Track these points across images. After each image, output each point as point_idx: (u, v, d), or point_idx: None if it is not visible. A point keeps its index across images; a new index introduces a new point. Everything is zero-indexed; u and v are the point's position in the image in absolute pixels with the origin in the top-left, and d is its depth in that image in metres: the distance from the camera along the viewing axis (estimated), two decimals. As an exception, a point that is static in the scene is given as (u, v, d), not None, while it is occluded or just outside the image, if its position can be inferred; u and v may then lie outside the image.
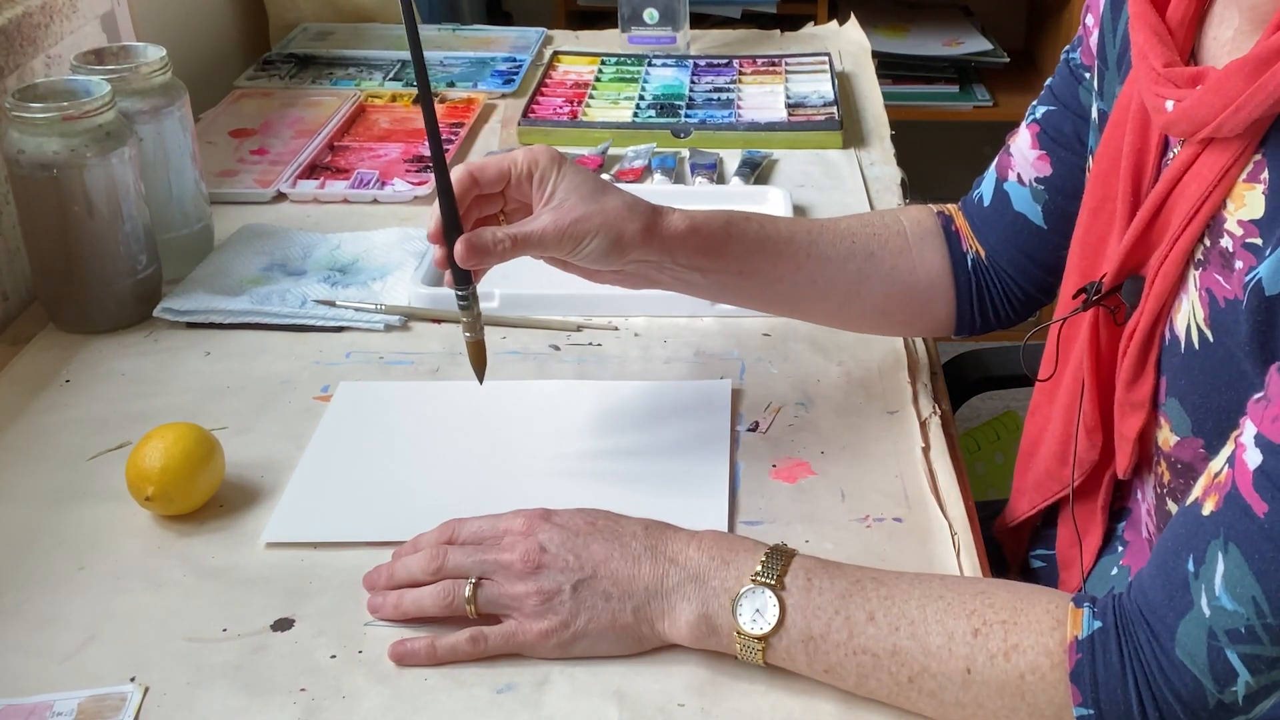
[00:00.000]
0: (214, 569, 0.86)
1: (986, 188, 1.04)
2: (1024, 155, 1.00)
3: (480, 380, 0.93)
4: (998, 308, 1.05)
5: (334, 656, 0.78)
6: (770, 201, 1.33)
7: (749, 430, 0.99)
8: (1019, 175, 1.01)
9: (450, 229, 0.88)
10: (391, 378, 1.07)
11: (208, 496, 0.91)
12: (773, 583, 0.74)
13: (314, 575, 0.85)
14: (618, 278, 0.95)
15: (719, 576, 0.76)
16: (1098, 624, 0.70)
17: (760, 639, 0.74)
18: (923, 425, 0.99)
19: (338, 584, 0.84)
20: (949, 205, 1.07)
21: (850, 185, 1.42)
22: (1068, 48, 0.98)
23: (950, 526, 0.88)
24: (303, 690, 0.76)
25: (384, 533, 0.88)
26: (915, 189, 1.48)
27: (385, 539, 0.87)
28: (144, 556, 0.87)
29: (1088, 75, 0.95)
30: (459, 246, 0.87)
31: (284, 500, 0.92)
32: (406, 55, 1.79)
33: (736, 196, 1.36)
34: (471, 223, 0.91)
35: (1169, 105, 0.76)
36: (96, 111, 1.07)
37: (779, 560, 0.76)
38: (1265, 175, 0.72)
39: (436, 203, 0.88)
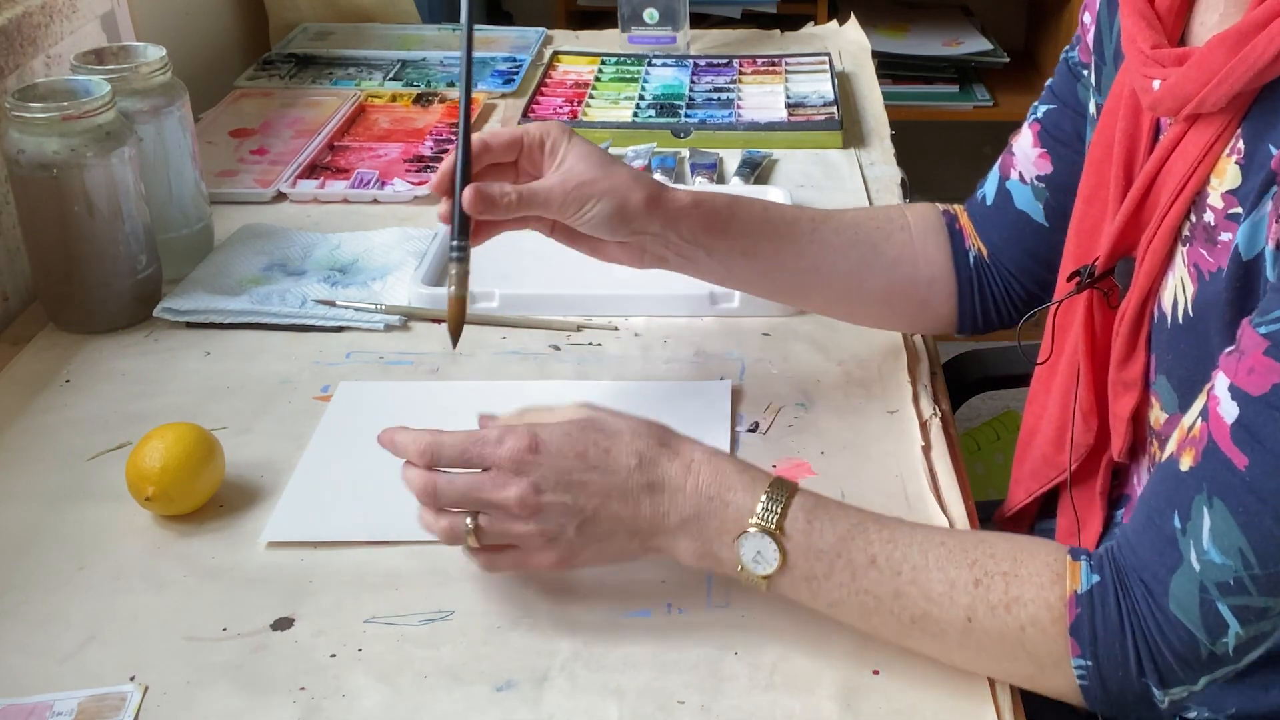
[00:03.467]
0: (214, 569, 0.86)
1: (990, 187, 1.05)
2: (1026, 154, 1.01)
3: (454, 343, 0.90)
4: (999, 306, 1.05)
5: (334, 656, 0.78)
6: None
7: (749, 430, 0.99)
8: (1020, 174, 1.02)
9: (461, 179, 0.89)
10: (391, 378, 1.07)
11: (208, 496, 0.91)
12: (772, 528, 0.74)
13: (314, 575, 0.85)
14: (623, 251, 0.95)
15: (718, 518, 0.76)
16: (1095, 578, 0.72)
17: (764, 577, 0.75)
18: (923, 425, 0.99)
19: (338, 584, 0.84)
20: (954, 205, 1.08)
21: (850, 185, 1.42)
22: (1067, 47, 1.00)
23: (951, 525, 0.88)
24: (302, 690, 0.76)
25: (384, 533, 0.88)
26: (915, 189, 1.47)
27: (385, 539, 0.87)
28: (144, 556, 0.87)
29: (1085, 73, 0.96)
30: (467, 193, 0.89)
31: (284, 500, 0.91)
32: (406, 55, 1.79)
33: (736, 196, 1.36)
34: None
35: (1155, 84, 0.77)
36: (96, 111, 1.07)
37: (778, 501, 0.75)
38: (1240, 146, 0.73)
39: (449, 157, 0.90)
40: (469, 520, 0.77)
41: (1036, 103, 1.02)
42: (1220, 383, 0.69)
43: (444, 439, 0.78)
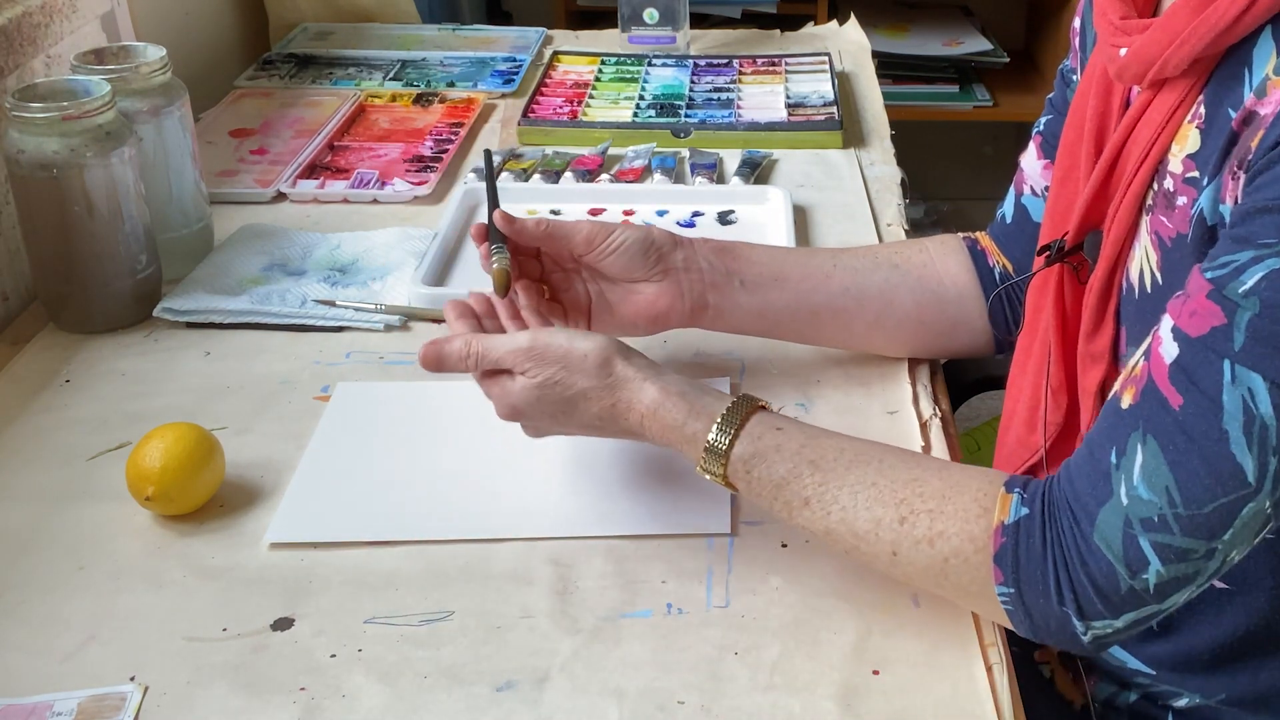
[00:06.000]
0: (214, 569, 0.86)
1: (1008, 207, 1.06)
2: (1033, 167, 1.02)
3: (502, 295, 0.94)
4: None
5: (334, 656, 0.78)
6: (770, 201, 1.33)
7: (749, 430, 0.99)
8: (1032, 187, 1.03)
9: (491, 205, 1.00)
10: (391, 378, 1.07)
11: (208, 496, 0.91)
12: (718, 474, 0.81)
13: (314, 575, 0.85)
14: (663, 292, 0.98)
15: (676, 451, 0.84)
16: (1025, 510, 0.74)
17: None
18: (923, 425, 0.99)
19: (338, 584, 0.84)
20: (975, 232, 1.09)
21: (850, 185, 1.42)
22: (1064, 60, 1.01)
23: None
24: (303, 690, 0.76)
25: (386, 532, 0.88)
26: (915, 189, 1.48)
27: (388, 538, 0.87)
28: (144, 556, 0.87)
29: (1075, 77, 0.97)
30: (497, 214, 0.96)
31: (287, 500, 0.91)
32: (406, 55, 1.79)
33: (736, 196, 1.36)
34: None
35: (1122, 53, 0.78)
36: (96, 111, 1.07)
37: (720, 452, 0.81)
38: (1201, 111, 0.74)
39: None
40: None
41: (1039, 117, 1.03)
42: (1165, 323, 0.70)
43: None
